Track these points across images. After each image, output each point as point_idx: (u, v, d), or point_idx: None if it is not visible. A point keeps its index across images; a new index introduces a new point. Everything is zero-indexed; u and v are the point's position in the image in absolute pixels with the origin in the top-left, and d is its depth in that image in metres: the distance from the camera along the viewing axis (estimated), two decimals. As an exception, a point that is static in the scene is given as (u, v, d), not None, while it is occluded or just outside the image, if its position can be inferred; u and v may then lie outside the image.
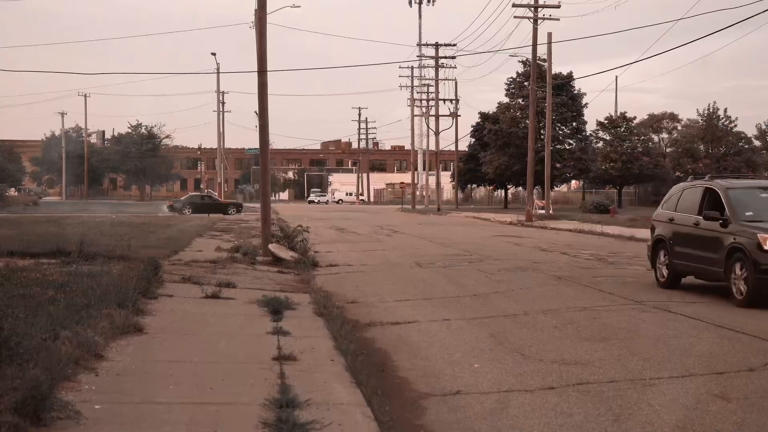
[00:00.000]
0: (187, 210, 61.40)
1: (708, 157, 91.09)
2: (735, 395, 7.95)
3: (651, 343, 10.50)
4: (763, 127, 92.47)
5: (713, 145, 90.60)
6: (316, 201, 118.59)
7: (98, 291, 11.29)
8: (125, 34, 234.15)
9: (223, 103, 79.80)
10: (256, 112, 23.09)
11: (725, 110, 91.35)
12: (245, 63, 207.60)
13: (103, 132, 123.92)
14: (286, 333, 10.47)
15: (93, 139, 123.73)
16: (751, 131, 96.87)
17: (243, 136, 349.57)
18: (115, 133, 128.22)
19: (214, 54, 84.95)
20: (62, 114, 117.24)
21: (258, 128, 22.80)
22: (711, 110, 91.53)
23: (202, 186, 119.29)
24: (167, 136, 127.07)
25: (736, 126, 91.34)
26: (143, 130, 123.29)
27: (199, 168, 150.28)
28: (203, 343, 9.66)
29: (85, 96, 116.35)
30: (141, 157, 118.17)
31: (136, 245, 21.20)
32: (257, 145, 23.57)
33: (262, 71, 22.64)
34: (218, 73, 73.72)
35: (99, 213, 50.00)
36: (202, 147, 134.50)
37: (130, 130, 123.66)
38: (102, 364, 8.20)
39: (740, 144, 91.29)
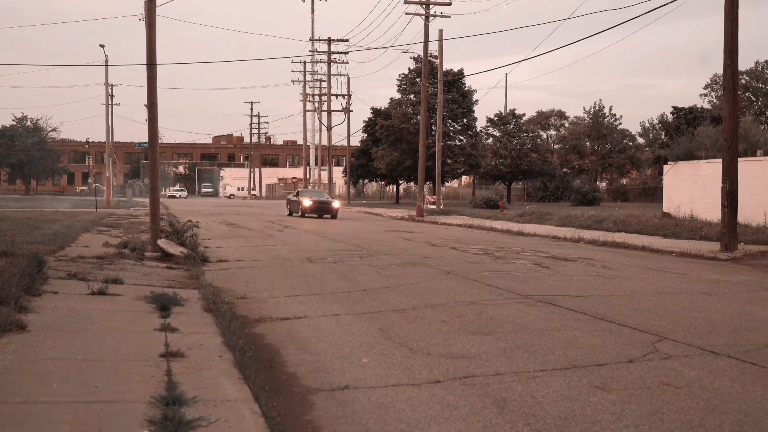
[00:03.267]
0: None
1: (594, 153, 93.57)
2: (615, 386, 8.18)
3: (536, 336, 10.71)
4: (647, 125, 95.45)
5: (599, 142, 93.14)
6: (176, 196, 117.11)
7: (-22, 288, 10.98)
8: (12, 24, 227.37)
9: (112, 96, 78.25)
10: (145, 105, 22.70)
11: (611, 108, 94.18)
12: (136, 56, 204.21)
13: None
14: (174, 329, 10.37)
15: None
16: (635, 129, 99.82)
17: (133, 130, 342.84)
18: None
19: (102, 46, 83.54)
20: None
21: (147, 122, 22.46)
22: (597, 108, 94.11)
23: (89, 180, 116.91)
24: (53, 129, 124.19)
25: (621, 123, 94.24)
26: (29, 123, 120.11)
27: (87, 162, 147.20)
28: (88, 341, 9.47)
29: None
30: (26, 150, 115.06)
31: (20, 241, 20.67)
32: (147, 139, 23.20)
33: (151, 64, 22.28)
34: (107, 65, 72.28)
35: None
36: (91, 141, 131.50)
37: (14, 123, 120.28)
38: (-18, 363, 8.00)
39: (625, 141, 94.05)
